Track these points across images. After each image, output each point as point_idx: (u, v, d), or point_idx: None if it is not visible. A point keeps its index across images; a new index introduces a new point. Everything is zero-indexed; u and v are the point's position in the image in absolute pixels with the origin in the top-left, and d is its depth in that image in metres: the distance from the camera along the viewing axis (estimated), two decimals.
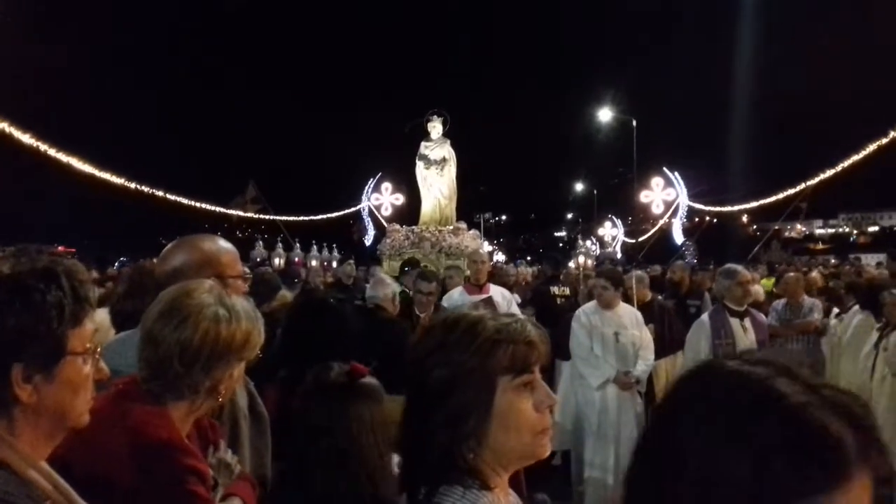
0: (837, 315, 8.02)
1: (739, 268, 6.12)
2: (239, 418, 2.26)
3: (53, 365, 1.24)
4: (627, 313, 6.08)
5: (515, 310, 6.08)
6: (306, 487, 2.01)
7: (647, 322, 6.41)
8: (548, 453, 1.38)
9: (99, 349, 1.37)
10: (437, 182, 15.17)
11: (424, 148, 15.42)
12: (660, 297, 7.95)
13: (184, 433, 1.80)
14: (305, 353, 2.86)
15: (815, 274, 12.47)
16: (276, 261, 19.08)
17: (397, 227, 15.41)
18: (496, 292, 6.92)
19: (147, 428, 1.69)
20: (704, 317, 6.05)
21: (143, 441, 1.67)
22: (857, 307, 7.76)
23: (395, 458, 2.02)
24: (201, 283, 1.86)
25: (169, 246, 2.35)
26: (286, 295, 4.74)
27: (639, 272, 7.76)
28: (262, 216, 30.22)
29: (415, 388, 1.37)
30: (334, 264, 19.18)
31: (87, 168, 20.95)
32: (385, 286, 5.55)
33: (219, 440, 2.01)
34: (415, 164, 15.60)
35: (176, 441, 1.72)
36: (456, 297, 6.68)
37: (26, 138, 18.04)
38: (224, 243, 2.40)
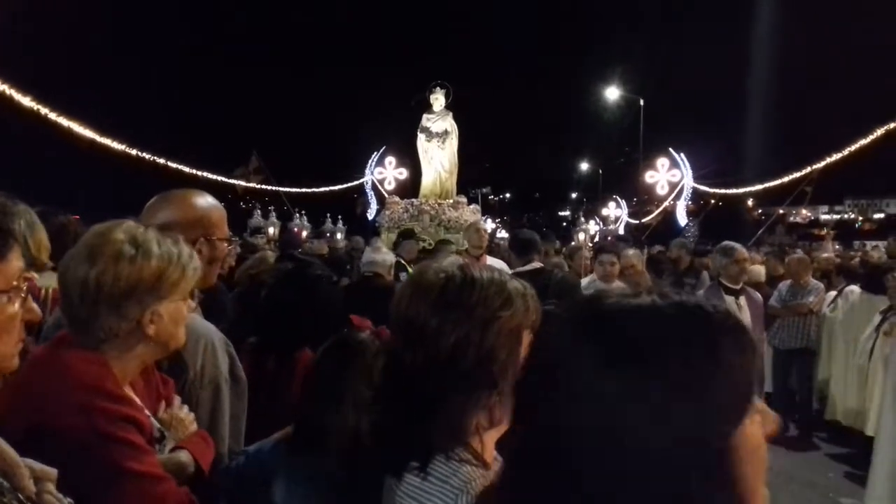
0: (832, 301, 7.92)
1: (737, 245, 6.04)
2: (220, 382, 2.16)
3: None
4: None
5: None
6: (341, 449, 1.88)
7: None
8: None
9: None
10: (438, 155, 15.00)
11: (426, 120, 15.24)
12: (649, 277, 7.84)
13: (125, 382, 1.71)
14: (285, 323, 2.76)
15: (826, 255, 12.35)
16: (270, 230, 19.09)
17: (396, 199, 15.28)
18: (493, 264, 6.78)
19: (78, 374, 1.60)
20: (699, 294, 5.96)
21: (74, 387, 1.59)
22: (854, 288, 7.67)
23: None
24: (122, 223, 1.74)
25: (154, 199, 2.17)
26: (267, 256, 4.60)
27: (635, 250, 7.70)
28: (265, 187, 30.18)
29: (420, 356, 1.33)
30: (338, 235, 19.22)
31: (88, 133, 20.77)
32: (383, 253, 5.57)
33: (171, 396, 1.93)
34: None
35: (109, 388, 1.63)
36: None
37: (26, 101, 17.86)
38: (213, 200, 2.24)
